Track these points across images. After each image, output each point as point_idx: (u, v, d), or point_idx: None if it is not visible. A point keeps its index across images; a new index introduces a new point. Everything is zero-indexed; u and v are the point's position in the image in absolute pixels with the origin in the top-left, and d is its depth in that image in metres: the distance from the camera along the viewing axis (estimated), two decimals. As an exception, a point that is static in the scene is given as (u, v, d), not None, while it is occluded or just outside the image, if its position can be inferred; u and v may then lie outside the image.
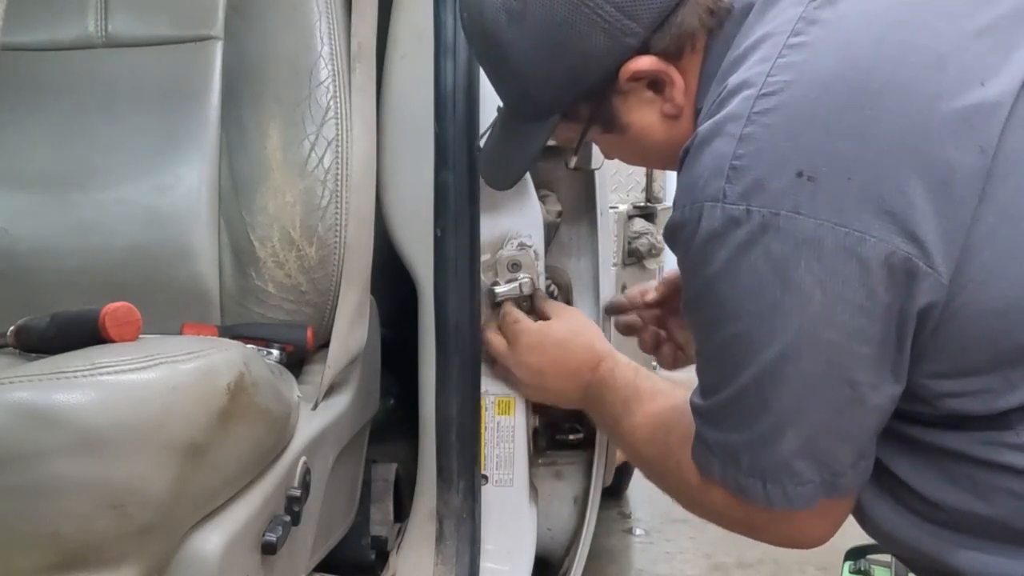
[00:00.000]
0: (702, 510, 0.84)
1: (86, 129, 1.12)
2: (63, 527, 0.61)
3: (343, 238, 1.05)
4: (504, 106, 0.92)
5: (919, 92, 0.65)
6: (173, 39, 1.14)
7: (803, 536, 0.79)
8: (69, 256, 1.08)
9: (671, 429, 0.85)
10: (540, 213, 1.22)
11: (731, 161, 0.66)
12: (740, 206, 0.65)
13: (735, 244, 0.66)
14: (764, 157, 0.66)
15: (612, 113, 0.82)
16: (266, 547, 0.79)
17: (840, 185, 0.64)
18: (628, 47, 0.76)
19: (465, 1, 0.86)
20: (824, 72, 0.66)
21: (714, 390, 0.75)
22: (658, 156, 0.86)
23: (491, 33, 0.81)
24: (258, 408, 0.77)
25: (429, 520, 1.16)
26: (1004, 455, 0.67)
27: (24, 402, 0.60)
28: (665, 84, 0.79)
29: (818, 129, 0.65)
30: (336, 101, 1.07)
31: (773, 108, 0.66)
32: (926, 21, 0.68)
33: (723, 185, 0.66)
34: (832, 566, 1.13)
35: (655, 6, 0.75)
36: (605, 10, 0.75)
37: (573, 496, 1.37)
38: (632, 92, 0.80)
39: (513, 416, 1.20)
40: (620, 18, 0.75)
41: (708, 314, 0.72)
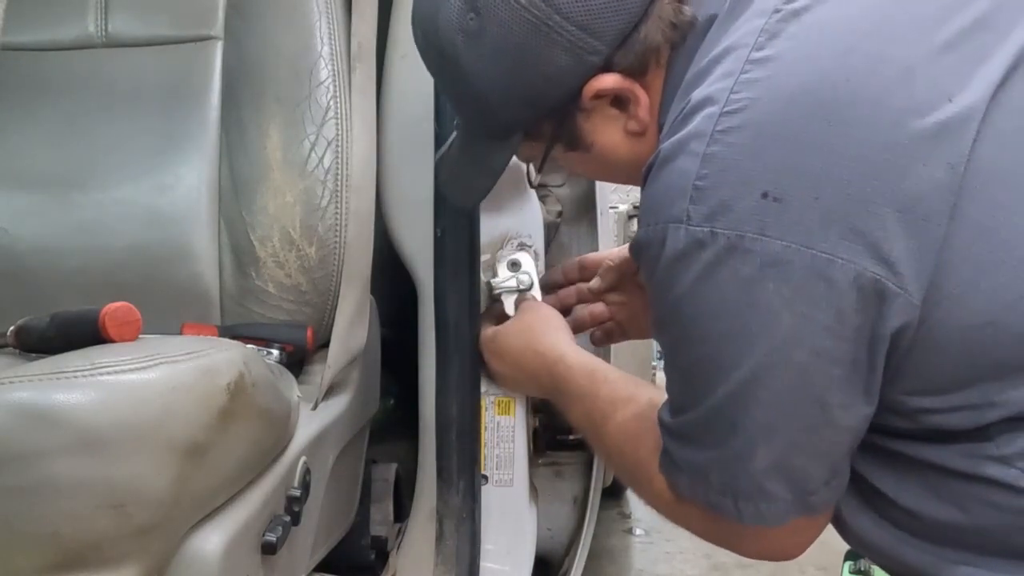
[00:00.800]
0: (678, 520, 0.83)
1: (86, 129, 1.12)
2: (63, 527, 0.61)
3: (343, 238, 1.05)
4: (463, 124, 0.89)
5: (887, 107, 0.64)
6: (173, 39, 1.14)
7: (775, 551, 0.79)
8: (69, 256, 1.08)
9: (640, 442, 0.84)
10: (540, 213, 1.22)
11: (694, 181, 0.65)
12: (705, 228, 0.64)
13: (701, 266, 0.65)
14: (728, 177, 0.64)
15: (576, 131, 0.80)
16: (266, 547, 0.79)
17: (806, 205, 0.62)
18: (591, 65, 0.74)
19: (417, 18, 0.82)
20: (788, 88, 0.65)
21: (682, 409, 0.74)
22: (623, 172, 0.85)
23: (448, 53, 0.78)
24: (258, 408, 0.77)
25: (429, 520, 1.16)
26: (985, 467, 0.66)
27: (24, 402, 0.60)
28: (629, 101, 0.77)
29: (783, 147, 0.64)
30: (336, 101, 1.07)
31: (737, 127, 0.65)
32: (893, 33, 0.67)
33: (687, 206, 0.65)
34: (832, 566, 1.13)
35: (617, 23, 0.73)
36: (566, 28, 0.72)
37: (573, 496, 1.38)
38: (596, 110, 0.78)
39: (513, 416, 1.20)
40: (581, 36, 0.73)
41: (676, 335, 0.71)
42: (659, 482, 0.80)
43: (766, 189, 0.63)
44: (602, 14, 0.72)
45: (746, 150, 0.64)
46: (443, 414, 1.13)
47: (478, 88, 0.78)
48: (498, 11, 0.73)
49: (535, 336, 1.04)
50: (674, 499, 0.79)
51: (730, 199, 0.64)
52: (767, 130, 0.64)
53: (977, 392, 0.66)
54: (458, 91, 0.83)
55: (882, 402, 0.68)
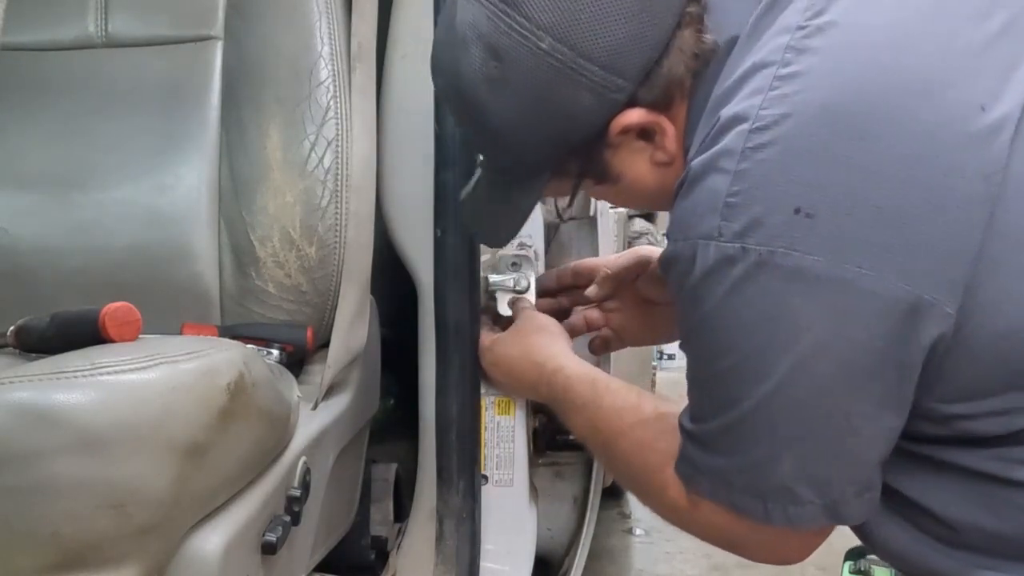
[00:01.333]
0: (691, 526, 0.83)
1: (86, 129, 1.12)
2: (63, 527, 0.61)
3: (343, 238, 1.05)
4: (489, 166, 0.89)
5: (918, 119, 0.64)
6: (173, 39, 1.14)
7: (791, 554, 0.78)
8: (69, 256, 1.08)
9: (650, 449, 0.84)
10: (540, 213, 1.22)
11: (726, 198, 0.65)
12: (736, 244, 0.65)
13: (730, 282, 0.65)
14: (760, 194, 0.64)
15: (603, 165, 0.80)
16: (266, 547, 0.79)
17: (838, 220, 0.63)
18: (615, 102, 0.74)
19: (438, 67, 0.82)
20: (817, 103, 0.65)
21: (705, 417, 0.74)
22: (651, 199, 0.85)
23: (471, 100, 0.77)
24: (258, 408, 0.77)
25: (429, 520, 1.16)
26: (1018, 471, 0.66)
27: (24, 402, 0.60)
28: (655, 133, 0.77)
29: (814, 163, 0.64)
30: (336, 101, 1.07)
31: (767, 143, 0.65)
32: (920, 46, 0.67)
33: (718, 223, 0.65)
34: (832, 566, 1.13)
35: (640, 60, 0.73)
36: (589, 70, 0.72)
37: (573, 496, 1.38)
38: (622, 144, 0.78)
39: (513, 416, 1.20)
40: (605, 76, 0.72)
41: (703, 348, 0.72)
42: (673, 488, 0.80)
43: (798, 205, 0.63)
44: (624, 52, 0.72)
45: (777, 166, 0.64)
46: (443, 414, 1.13)
47: (504, 133, 0.78)
48: (521, 58, 0.72)
49: (533, 346, 1.03)
50: (689, 504, 0.79)
51: (761, 215, 0.64)
52: (797, 146, 0.64)
53: (1010, 398, 0.66)
54: (484, 137, 0.82)
55: (914, 408, 0.68)
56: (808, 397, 0.67)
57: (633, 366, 1.82)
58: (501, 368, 1.08)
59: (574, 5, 0.71)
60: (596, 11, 0.71)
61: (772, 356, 0.66)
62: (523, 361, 1.04)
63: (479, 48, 0.74)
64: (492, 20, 0.73)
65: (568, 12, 0.71)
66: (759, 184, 0.64)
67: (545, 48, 0.71)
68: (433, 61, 0.83)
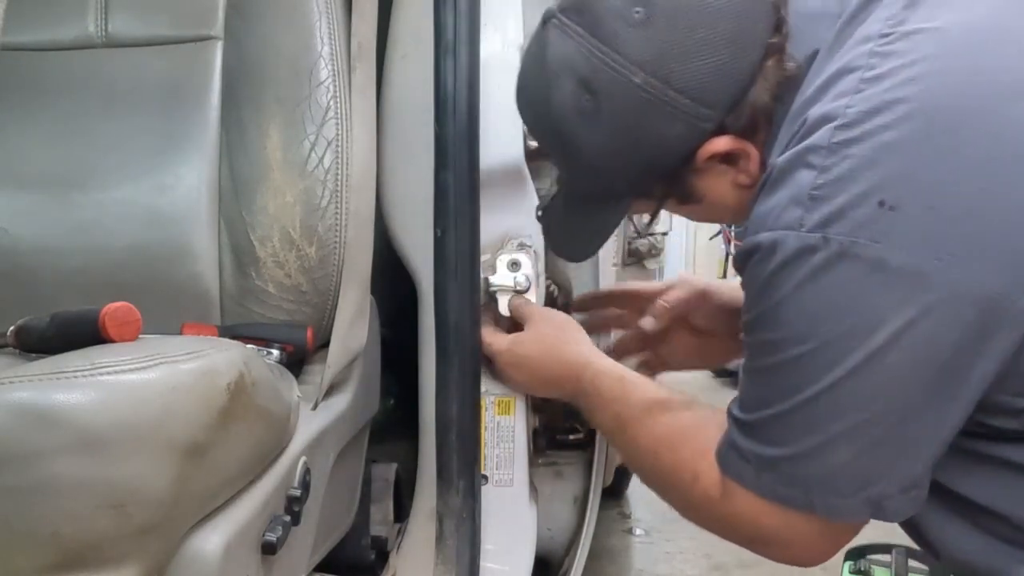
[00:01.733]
0: (716, 517, 0.82)
1: (86, 129, 1.12)
2: (63, 527, 0.61)
3: (343, 238, 1.05)
4: (573, 188, 0.91)
5: (1006, 117, 0.64)
6: (173, 39, 1.14)
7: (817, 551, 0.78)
8: (69, 256, 1.08)
9: (684, 443, 0.84)
10: (540, 213, 1.22)
11: (810, 191, 0.67)
12: (817, 234, 0.66)
13: (810, 269, 0.67)
14: (845, 187, 0.66)
15: (688, 188, 0.83)
16: (266, 547, 0.79)
17: (921, 214, 0.64)
18: (704, 131, 0.77)
19: (527, 100, 0.86)
20: (904, 102, 0.66)
21: (761, 406, 0.74)
22: (730, 215, 0.87)
23: (563, 131, 0.81)
24: (258, 408, 0.77)
25: (429, 520, 1.16)
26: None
27: (24, 402, 0.60)
28: (740, 158, 0.79)
29: (900, 158, 0.65)
30: (336, 101, 1.07)
31: (855, 139, 0.66)
32: (1008, 46, 0.67)
33: (801, 214, 0.67)
34: (832, 566, 1.13)
35: (728, 92, 0.75)
36: (680, 102, 0.75)
37: (573, 496, 1.37)
38: (708, 169, 0.80)
39: (513, 416, 1.20)
40: (695, 107, 0.75)
41: (771, 335, 0.72)
42: (706, 479, 0.80)
43: (882, 198, 0.64)
44: (713, 84, 0.75)
45: (863, 161, 0.66)
46: (443, 414, 1.13)
47: (593, 161, 0.82)
48: (614, 91, 0.76)
49: (557, 345, 1.05)
50: (722, 495, 0.79)
51: (845, 206, 0.65)
52: (884, 141, 0.65)
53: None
54: (572, 164, 0.86)
55: (984, 402, 0.68)
56: (874, 389, 0.67)
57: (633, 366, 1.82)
58: (523, 369, 1.09)
59: (666, 42, 0.74)
60: (687, 47, 0.74)
61: (844, 346, 0.67)
62: (548, 360, 1.05)
63: (572, 82, 0.78)
64: (586, 56, 0.76)
65: (661, 48, 0.74)
66: (844, 177, 0.66)
67: (638, 82, 0.75)
68: (520, 95, 0.87)
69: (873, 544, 1.14)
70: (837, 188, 0.66)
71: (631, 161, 0.80)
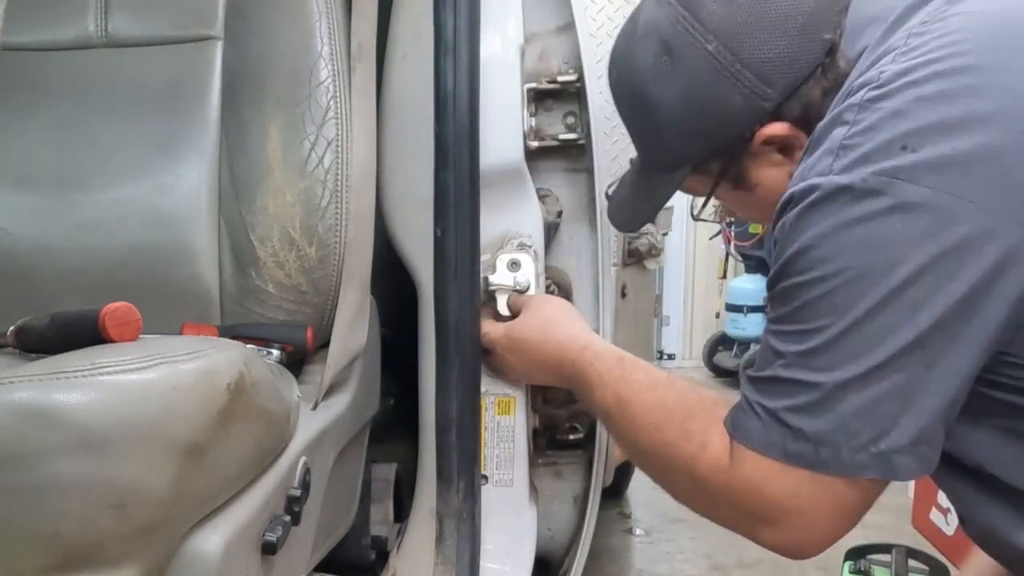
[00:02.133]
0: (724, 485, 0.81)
1: (86, 129, 1.12)
2: (63, 527, 0.61)
3: (343, 238, 1.05)
4: (638, 157, 0.96)
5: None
6: (173, 39, 1.14)
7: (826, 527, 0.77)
8: (69, 256, 1.08)
9: (691, 416, 0.85)
10: (540, 213, 1.22)
11: (842, 142, 0.71)
12: (844, 176, 0.70)
13: (837, 207, 0.70)
14: (873, 135, 0.70)
15: (742, 171, 0.87)
16: (266, 547, 0.79)
17: (940, 154, 0.67)
18: (762, 111, 0.82)
19: (614, 60, 0.92)
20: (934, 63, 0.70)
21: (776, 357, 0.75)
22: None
23: (639, 90, 0.87)
24: (258, 408, 0.77)
25: (429, 520, 1.16)
26: None
27: (24, 402, 0.60)
28: (795, 148, 0.83)
29: (925, 109, 0.69)
30: (336, 101, 1.07)
31: (885, 94, 0.71)
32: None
33: (831, 162, 0.71)
34: (832, 566, 1.13)
35: (790, 77, 0.81)
36: (745, 75, 0.81)
37: (573, 496, 1.37)
38: (763, 154, 0.85)
39: (513, 416, 1.20)
40: (757, 84, 0.81)
41: (796, 279, 0.74)
42: (715, 447, 0.81)
43: (905, 143, 0.68)
44: (777, 67, 0.80)
45: (891, 114, 0.70)
46: (443, 414, 1.13)
47: (660, 122, 0.87)
48: (689, 55, 0.82)
49: (556, 327, 1.07)
50: (731, 461, 0.79)
51: (871, 152, 0.69)
52: (913, 95, 0.70)
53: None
54: (642, 125, 0.91)
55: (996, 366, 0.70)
56: (889, 327, 0.69)
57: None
58: (521, 353, 1.10)
59: (743, 19, 0.81)
60: (761, 27, 0.80)
61: (865, 283, 0.69)
62: (546, 341, 1.07)
63: (655, 43, 0.85)
64: (671, 21, 0.84)
65: (737, 24, 0.81)
66: (873, 127, 0.70)
67: (711, 50, 0.81)
68: (611, 55, 0.93)
69: (873, 544, 1.14)
70: (865, 137, 0.70)
71: (693, 126, 0.85)
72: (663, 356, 4.84)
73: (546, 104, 1.28)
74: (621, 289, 1.44)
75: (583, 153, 1.29)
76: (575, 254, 1.31)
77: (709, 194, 0.92)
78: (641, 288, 1.66)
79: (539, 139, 1.27)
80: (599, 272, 1.30)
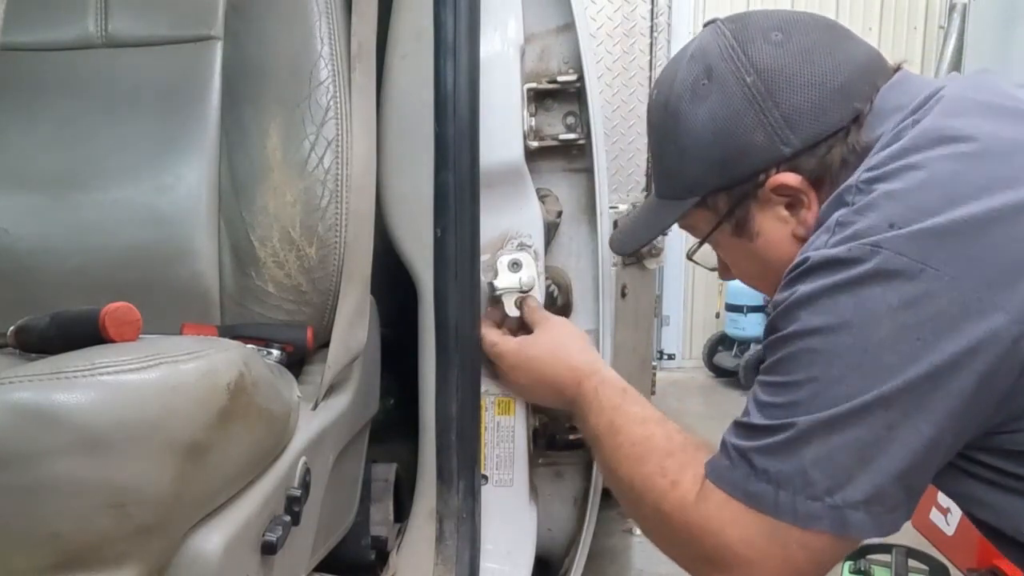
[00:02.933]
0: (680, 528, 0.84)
1: (86, 129, 1.12)
2: (63, 527, 0.61)
3: (343, 238, 1.05)
4: (653, 186, 0.99)
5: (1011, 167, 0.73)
6: (173, 39, 1.14)
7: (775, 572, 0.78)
8: (69, 256, 1.08)
9: (671, 454, 0.88)
10: (540, 213, 1.22)
11: (838, 219, 0.76)
12: (833, 249, 0.74)
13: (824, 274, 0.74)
14: (865, 213, 0.74)
15: (747, 215, 0.89)
16: (266, 547, 0.79)
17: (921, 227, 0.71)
18: (780, 155, 0.85)
19: (660, 80, 0.96)
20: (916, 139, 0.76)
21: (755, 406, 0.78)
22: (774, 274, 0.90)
23: (674, 105, 0.90)
24: (258, 408, 0.77)
25: (429, 520, 1.16)
26: None
27: (24, 402, 0.60)
28: (802, 206, 0.86)
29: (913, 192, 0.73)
30: (336, 101, 1.07)
31: (880, 176, 0.75)
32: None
33: (827, 238, 0.76)
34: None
35: (814, 128, 0.84)
36: (773, 114, 0.84)
37: (573, 496, 1.37)
38: (770, 203, 0.88)
39: (513, 416, 1.20)
40: (783, 125, 0.84)
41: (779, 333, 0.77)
42: (685, 486, 0.83)
43: (892, 221, 0.72)
44: (805, 115, 0.83)
45: (885, 194, 0.74)
46: (443, 414, 1.13)
47: (683, 141, 0.90)
48: (727, 81, 0.86)
49: (567, 350, 1.10)
50: (695, 500, 0.81)
51: (861, 229, 0.74)
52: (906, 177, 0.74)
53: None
54: (667, 144, 0.93)
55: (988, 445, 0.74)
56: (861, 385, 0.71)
57: (633, 366, 1.82)
58: (530, 370, 1.11)
59: (786, 64, 0.84)
60: (800, 75, 0.84)
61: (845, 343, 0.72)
62: (556, 363, 1.09)
63: (699, 67, 0.89)
64: (720, 50, 0.88)
65: (779, 66, 0.84)
66: (867, 207, 0.75)
67: (749, 81, 0.85)
68: (660, 75, 0.97)
69: (873, 544, 1.14)
70: (859, 216, 0.74)
71: (714, 153, 0.88)
72: (663, 356, 4.84)
73: (546, 104, 1.29)
74: (621, 289, 1.45)
75: (583, 153, 1.29)
76: (575, 254, 1.31)
77: (709, 232, 0.94)
78: (641, 288, 1.66)
79: (539, 139, 1.27)
80: (599, 272, 1.30)
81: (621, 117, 1.36)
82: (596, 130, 1.25)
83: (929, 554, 1.18)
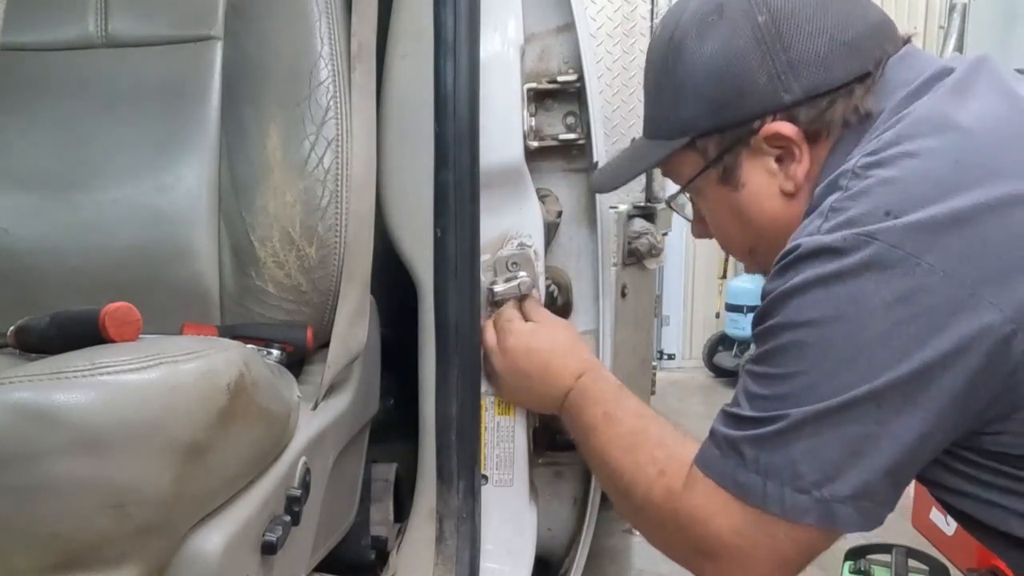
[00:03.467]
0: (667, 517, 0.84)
1: (86, 129, 1.12)
2: (63, 527, 0.61)
3: (343, 238, 1.05)
4: (644, 126, 0.96)
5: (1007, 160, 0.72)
6: (173, 39, 1.14)
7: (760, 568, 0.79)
8: (69, 256, 1.08)
9: (661, 446, 0.89)
10: (540, 213, 1.22)
11: (831, 204, 0.75)
12: (828, 236, 0.73)
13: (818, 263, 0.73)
14: (860, 199, 0.73)
15: (735, 164, 0.87)
16: (266, 547, 0.79)
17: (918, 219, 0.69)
18: (779, 102, 0.82)
19: (668, 14, 0.93)
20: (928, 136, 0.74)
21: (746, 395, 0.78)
22: (754, 232, 0.90)
23: (679, 39, 0.87)
24: (258, 408, 0.77)
25: (429, 520, 1.16)
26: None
27: (24, 402, 0.60)
28: (792, 160, 0.84)
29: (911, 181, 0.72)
30: (336, 101, 1.07)
31: (877, 162, 0.74)
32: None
33: (820, 223, 0.75)
34: (832, 566, 1.13)
35: (817, 80, 0.81)
36: (779, 58, 0.81)
37: (573, 496, 1.37)
38: (761, 153, 0.85)
39: (513, 416, 1.20)
40: (787, 71, 0.81)
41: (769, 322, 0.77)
42: (672, 475, 0.83)
43: (888, 209, 0.71)
44: (811, 65, 0.81)
45: (881, 180, 0.73)
46: (443, 414, 1.13)
47: (681, 77, 0.87)
48: (737, 18, 0.83)
49: (576, 346, 1.11)
50: (682, 488, 0.82)
51: (856, 216, 0.72)
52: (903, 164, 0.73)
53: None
54: (662, 79, 0.90)
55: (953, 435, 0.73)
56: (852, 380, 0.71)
57: (633, 366, 1.81)
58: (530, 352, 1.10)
59: (800, 9, 0.82)
60: (813, 22, 0.81)
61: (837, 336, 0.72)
62: (562, 348, 1.10)
63: (712, 2, 0.86)
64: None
65: (794, 10, 0.82)
66: (862, 193, 0.73)
67: (760, 21, 0.82)
68: (669, 9, 0.96)
69: (873, 544, 1.14)
70: (854, 202, 0.73)
71: (713, 91, 0.85)
72: (663, 356, 4.84)
73: (546, 104, 1.28)
74: (621, 289, 1.44)
75: (583, 153, 1.29)
76: (575, 254, 1.31)
77: (692, 177, 0.91)
78: (641, 288, 1.65)
79: (539, 139, 1.27)
80: (599, 272, 1.30)
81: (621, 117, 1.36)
82: (596, 130, 1.25)
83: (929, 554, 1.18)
